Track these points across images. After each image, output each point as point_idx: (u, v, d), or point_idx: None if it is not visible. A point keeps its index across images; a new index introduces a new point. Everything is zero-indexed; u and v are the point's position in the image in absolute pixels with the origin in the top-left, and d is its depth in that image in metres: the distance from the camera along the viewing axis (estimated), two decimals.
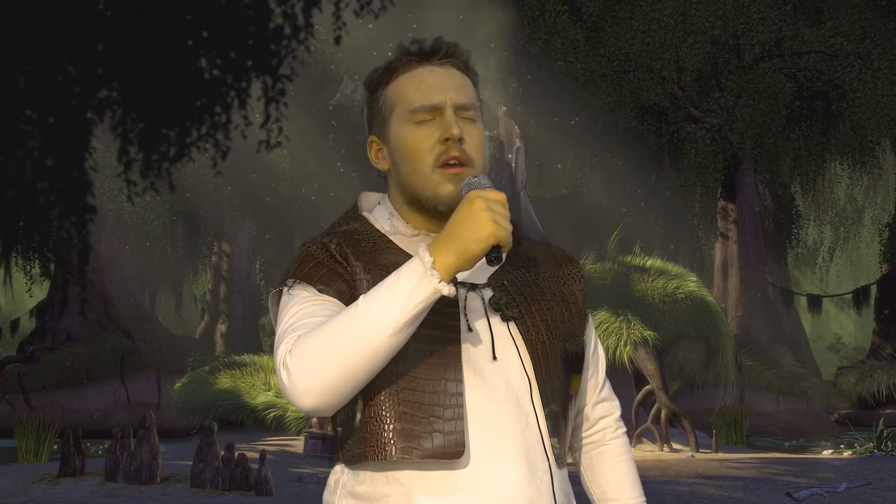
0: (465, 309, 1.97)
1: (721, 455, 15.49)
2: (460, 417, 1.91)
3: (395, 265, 1.96)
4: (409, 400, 1.91)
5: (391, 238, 2.05)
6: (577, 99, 26.16)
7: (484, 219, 1.83)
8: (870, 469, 13.06)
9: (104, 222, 27.94)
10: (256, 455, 11.55)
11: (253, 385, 21.86)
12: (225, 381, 22.25)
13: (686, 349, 19.93)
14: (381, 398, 1.92)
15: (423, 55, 2.02)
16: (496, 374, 1.95)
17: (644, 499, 2.16)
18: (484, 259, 1.95)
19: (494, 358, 1.95)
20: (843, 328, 54.35)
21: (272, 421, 20.76)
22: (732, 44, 26.68)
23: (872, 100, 26.34)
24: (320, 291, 1.96)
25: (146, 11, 13.46)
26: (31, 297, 31.77)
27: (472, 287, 2.00)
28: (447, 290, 1.83)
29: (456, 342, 1.94)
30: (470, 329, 1.96)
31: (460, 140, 1.98)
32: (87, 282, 15.16)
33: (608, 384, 2.22)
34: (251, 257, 35.33)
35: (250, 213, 32.96)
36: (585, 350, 2.12)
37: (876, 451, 17.01)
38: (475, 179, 1.93)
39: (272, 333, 42.40)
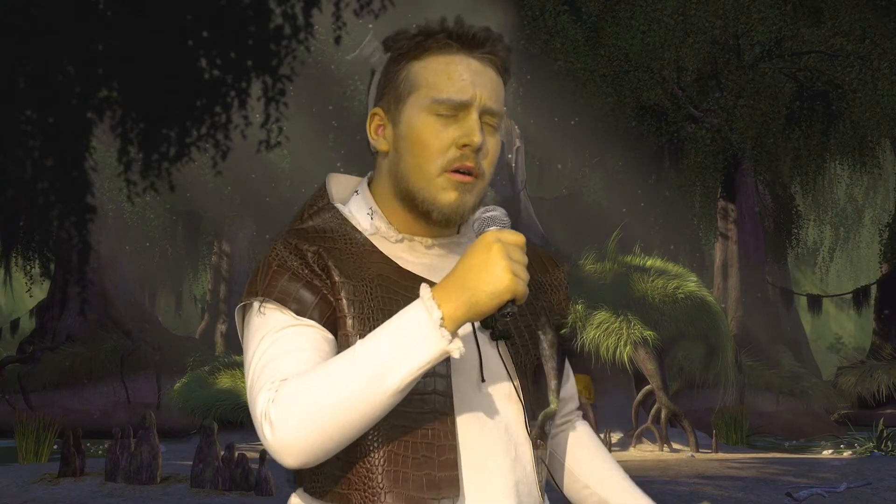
0: None
1: (721, 455, 15.49)
2: (453, 455, 1.70)
3: (380, 278, 1.73)
4: (398, 438, 1.69)
5: (372, 240, 1.79)
6: (577, 99, 26.17)
7: (502, 269, 1.59)
8: (870, 469, 13.06)
9: (104, 222, 27.95)
10: (256, 455, 11.56)
11: None
12: (225, 381, 22.26)
13: (686, 349, 19.94)
14: (372, 438, 1.69)
15: (464, 42, 1.78)
16: (485, 400, 1.74)
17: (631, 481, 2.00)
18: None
19: (483, 380, 1.74)
20: (843, 328, 54.36)
21: None
22: (732, 44, 26.69)
23: (872, 100, 26.35)
24: (298, 313, 1.69)
25: (146, 11, 13.46)
26: (31, 297, 31.79)
27: None
28: (458, 353, 1.60)
29: (445, 367, 1.72)
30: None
31: (478, 150, 1.75)
32: (87, 282, 15.15)
33: (572, 383, 2.01)
34: (251, 257, 35.33)
35: (250, 213, 32.97)
36: (566, 359, 1.95)
37: (876, 451, 17.02)
38: (492, 214, 1.69)
39: None
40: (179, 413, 22.35)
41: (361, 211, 1.81)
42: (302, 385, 1.60)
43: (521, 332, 1.81)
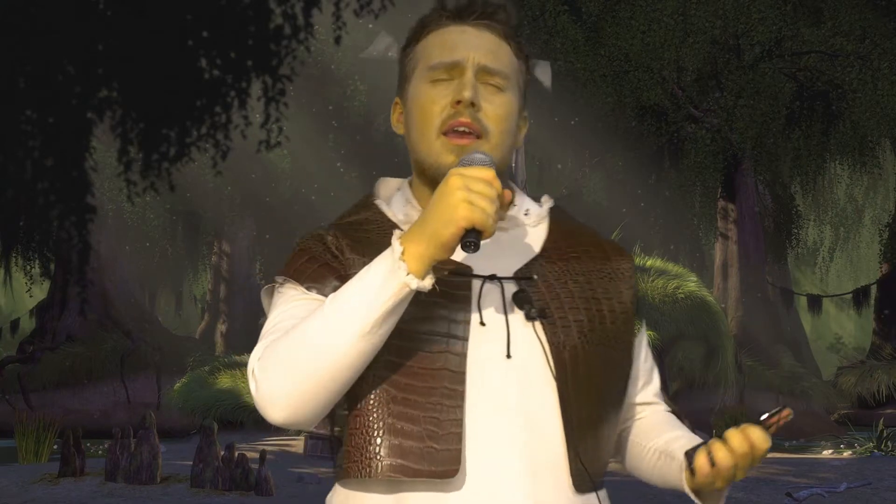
0: (478, 303, 1.71)
1: None
2: (458, 431, 1.66)
3: None
4: (401, 411, 1.67)
5: (402, 227, 1.79)
6: (577, 99, 26.17)
7: (456, 199, 1.58)
8: (870, 469, 13.06)
9: (104, 222, 27.95)
10: (256, 455, 11.56)
11: None
12: (225, 381, 22.26)
13: (686, 349, 19.94)
14: (370, 407, 1.68)
15: (456, 13, 1.79)
16: (508, 377, 1.69)
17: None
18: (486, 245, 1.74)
19: (509, 356, 1.69)
20: (843, 328, 54.37)
21: None
22: (732, 44, 26.69)
23: (872, 100, 26.35)
24: (308, 289, 1.74)
25: (146, 11, 13.46)
26: (31, 297, 31.79)
27: (492, 278, 1.74)
28: (416, 283, 1.59)
29: (463, 342, 1.68)
30: (483, 323, 1.70)
31: (473, 105, 1.73)
32: (87, 282, 15.15)
33: (661, 390, 1.95)
34: (251, 257, 35.34)
35: (250, 213, 32.97)
36: (635, 358, 1.87)
37: (876, 451, 17.02)
38: (472, 156, 1.65)
39: None
40: (179, 413, 22.36)
41: (399, 204, 1.84)
42: (281, 341, 1.64)
43: (564, 315, 1.74)
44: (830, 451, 18.87)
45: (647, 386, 1.91)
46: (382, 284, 1.60)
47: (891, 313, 31.02)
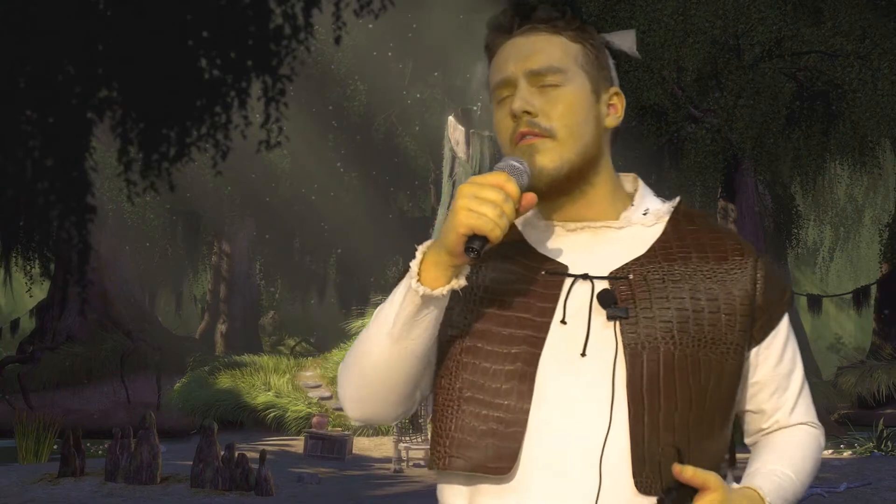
0: (565, 302, 1.75)
1: None
2: (520, 430, 1.70)
3: (500, 257, 1.82)
4: (472, 409, 1.73)
5: (519, 227, 1.87)
6: None
7: (458, 205, 1.64)
8: (870, 469, 13.06)
9: (104, 222, 27.94)
10: (256, 455, 11.55)
11: (253, 385, 21.86)
12: (225, 381, 22.25)
13: None
14: (446, 403, 1.77)
15: (507, 30, 1.85)
16: (580, 376, 1.72)
17: (792, 476, 1.82)
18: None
19: (583, 354, 1.72)
20: (843, 328, 54.36)
21: (272, 421, 20.76)
22: (732, 44, 26.70)
23: (872, 100, 26.36)
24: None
25: (146, 11, 13.45)
26: (31, 297, 31.78)
27: (585, 277, 1.77)
28: (422, 290, 1.66)
29: (540, 343, 1.73)
30: (564, 322, 1.74)
31: (528, 113, 1.78)
32: (87, 282, 15.15)
33: (805, 403, 1.90)
34: (251, 257, 35.33)
35: (250, 213, 32.96)
36: (759, 362, 1.84)
37: (876, 451, 17.02)
38: (505, 163, 1.72)
39: (272, 333, 42.25)
40: (179, 413, 22.35)
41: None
42: (350, 350, 1.79)
43: (651, 316, 1.74)
44: (830, 451, 18.87)
45: (780, 394, 1.87)
46: (404, 294, 1.70)
47: (891, 313, 31.02)
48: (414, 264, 1.70)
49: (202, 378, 22.66)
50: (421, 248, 1.70)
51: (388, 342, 1.71)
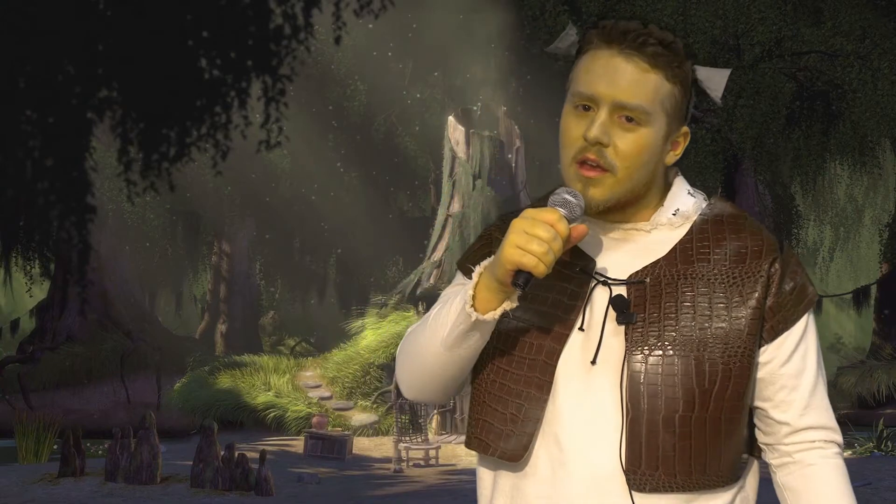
0: (584, 304, 1.85)
1: None
2: (536, 420, 1.82)
3: None
4: (498, 394, 1.86)
5: None
6: None
7: (509, 242, 1.72)
8: (870, 469, 13.06)
9: (104, 222, 27.95)
10: (256, 455, 11.55)
11: (253, 385, 21.85)
12: (225, 381, 22.24)
13: None
14: (479, 386, 1.90)
15: (607, 37, 1.86)
16: (592, 380, 1.81)
17: None
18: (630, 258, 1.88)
19: (593, 362, 1.82)
20: (843, 328, 54.35)
21: (272, 421, 20.75)
22: (732, 44, 26.70)
23: (872, 100, 26.36)
24: (465, 274, 1.97)
25: (146, 11, 13.45)
26: (31, 297, 31.78)
27: (605, 282, 1.85)
28: (475, 316, 1.78)
29: (563, 339, 1.83)
30: (582, 328, 1.84)
31: (600, 143, 1.83)
32: (87, 282, 15.15)
33: (819, 409, 1.97)
34: (251, 257, 35.33)
35: (250, 213, 32.96)
36: (769, 360, 1.88)
37: (876, 451, 17.02)
38: (558, 196, 1.81)
39: (272, 333, 42.25)
40: (179, 413, 22.35)
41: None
42: (408, 335, 1.92)
43: (663, 320, 1.81)
44: None
45: (786, 392, 1.91)
46: (459, 311, 1.81)
47: (891, 313, 31.02)
48: (469, 287, 1.80)
49: (202, 378, 22.65)
50: (477, 270, 1.80)
51: (441, 349, 1.84)
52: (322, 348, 33.12)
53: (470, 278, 1.87)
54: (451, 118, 23.36)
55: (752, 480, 1.92)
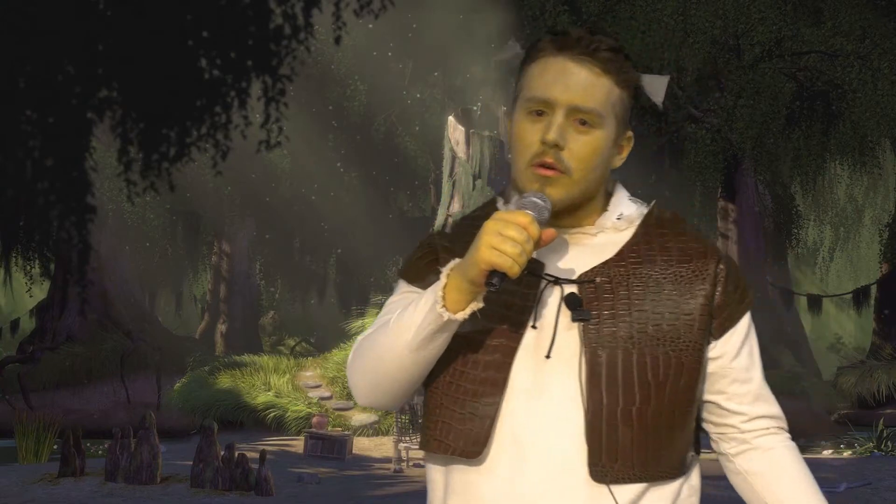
0: (537, 304, 1.90)
1: None
2: (492, 417, 1.87)
3: None
4: (455, 395, 1.90)
5: None
6: None
7: (483, 243, 1.77)
8: (870, 469, 13.06)
9: (104, 222, 27.95)
10: (256, 455, 11.55)
11: (253, 385, 21.86)
12: (225, 381, 22.24)
13: None
14: (434, 389, 1.94)
15: (560, 44, 1.92)
16: (547, 378, 1.87)
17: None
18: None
19: (548, 356, 1.87)
20: (843, 328, 54.36)
21: (272, 421, 20.76)
22: (732, 44, 26.69)
23: (872, 100, 26.35)
24: (410, 283, 2.01)
25: (146, 11, 13.45)
26: (31, 297, 31.79)
27: (556, 281, 1.91)
28: (447, 315, 1.81)
29: (517, 338, 1.89)
30: (534, 326, 1.89)
31: (558, 146, 1.88)
32: (87, 282, 15.15)
33: (767, 399, 2.02)
34: (251, 257, 35.33)
35: (250, 213, 32.96)
36: (717, 356, 1.96)
37: (876, 451, 17.02)
38: (526, 199, 1.85)
39: (272, 333, 42.23)
40: (179, 413, 22.35)
41: (512, 199, 2.00)
42: (366, 338, 1.94)
43: (615, 317, 1.88)
44: (830, 451, 18.88)
45: (738, 385, 1.98)
46: (427, 312, 1.84)
47: (891, 313, 31.02)
48: (439, 288, 1.83)
49: (202, 378, 22.65)
50: (444, 272, 1.83)
51: (405, 351, 1.87)
52: (322, 348, 33.13)
53: (417, 287, 1.98)
54: (451, 118, 23.37)
55: (696, 473, 1.99)
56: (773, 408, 2.03)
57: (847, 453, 17.61)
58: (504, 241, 1.76)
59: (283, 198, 32.43)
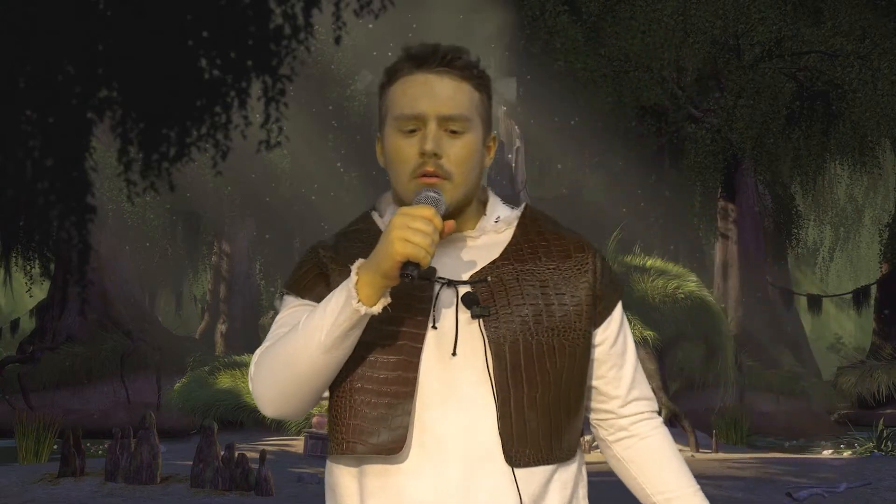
0: (434, 305, 2.00)
1: (721, 455, 15.49)
2: (406, 414, 1.95)
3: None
4: (364, 398, 1.97)
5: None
6: (577, 99, 26.16)
7: (394, 236, 1.87)
8: (870, 469, 13.06)
9: (104, 222, 27.94)
10: (256, 455, 11.55)
11: None
12: (225, 381, 22.25)
13: (686, 349, 19.94)
14: (342, 394, 1.99)
15: (417, 61, 2.03)
16: (455, 373, 1.97)
17: (698, 487, 2.16)
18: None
19: (454, 354, 1.97)
20: (843, 328, 54.35)
21: (272, 421, 20.76)
22: (732, 44, 26.69)
23: (872, 100, 26.35)
24: (301, 296, 2.07)
25: (146, 11, 13.45)
26: (31, 297, 31.81)
27: (450, 283, 2.02)
28: (364, 309, 1.89)
29: (420, 338, 1.98)
30: (435, 326, 1.99)
31: (436, 155, 2.00)
32: (87, 282, 15.15)
33: (641, 383, 2.17)
34: (251, 257, 35.32)
35: (250, 213, 32.95)
36: (599, 343, 2.10)
37: (876, 451, 17.02)
38: (424, 194, 1.96)
39: None
40: (179, 413, 22.34)
41: (388, 213, 2.12)
42: (269, 349, 1.98)
43: (509, 312, 2.00)
44: (830, 451, 18.88)
45: (616, 370, 2.13)
46: (340, 309, 1.90)
47: (891, 313, 31.02)
48: (351, 285, 1.90)
49: (202, 378, 22.65)
50: (354, 269, 1.91)
51: (318, 352, 1.92)
52: None
53: (308, 300, 2.04)
54: None
55: (581, 454, 2.12)
56: (647, 390, 2.18)
57: (847, 453, 17.62)
58: (414, 232, 1.86)
59: (283, 198, 32.43)
